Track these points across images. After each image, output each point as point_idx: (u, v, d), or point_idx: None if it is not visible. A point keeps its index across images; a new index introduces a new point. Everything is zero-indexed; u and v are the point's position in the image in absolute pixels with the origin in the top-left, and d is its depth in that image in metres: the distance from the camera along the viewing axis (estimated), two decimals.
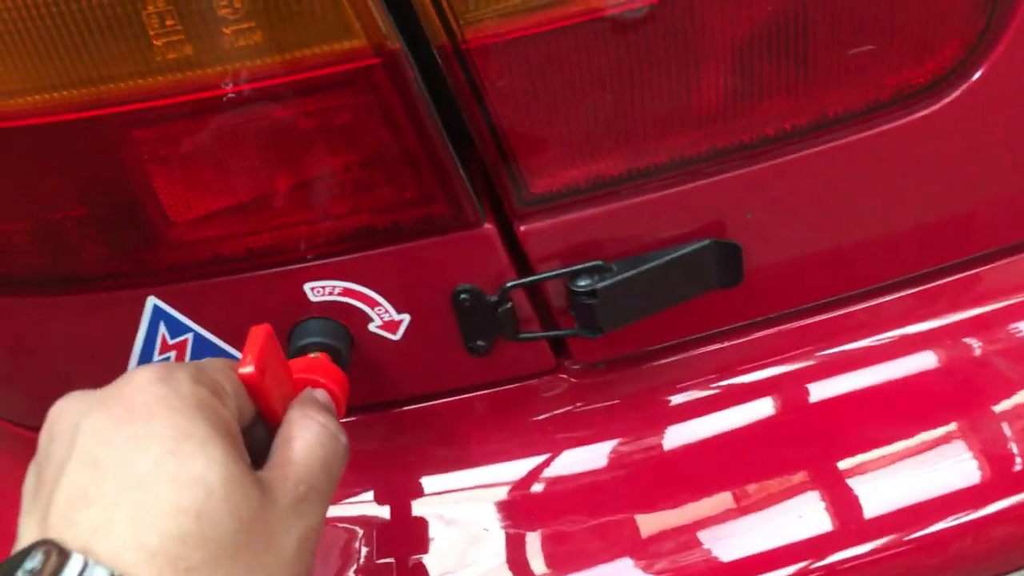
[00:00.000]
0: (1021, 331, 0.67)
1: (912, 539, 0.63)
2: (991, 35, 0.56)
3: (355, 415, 0.67)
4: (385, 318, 0.61)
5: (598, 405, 0.67)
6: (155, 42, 0.49)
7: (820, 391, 0.68)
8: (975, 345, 0.66)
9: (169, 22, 0.48)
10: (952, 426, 0.65)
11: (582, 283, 0.59)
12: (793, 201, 0.61)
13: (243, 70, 0.50)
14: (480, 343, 0.63)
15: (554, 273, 0.60)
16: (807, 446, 0.66)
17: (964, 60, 0.57)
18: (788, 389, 0.67)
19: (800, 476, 0.65)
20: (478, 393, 0.67)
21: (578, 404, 0.67)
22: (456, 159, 0.55)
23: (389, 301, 0.60)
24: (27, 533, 0.43)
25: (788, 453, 0.66)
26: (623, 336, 0.64)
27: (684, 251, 0.60)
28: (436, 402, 0.67)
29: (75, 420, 0.44)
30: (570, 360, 0.67)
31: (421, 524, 0.66)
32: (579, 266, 0.59)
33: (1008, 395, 0.65)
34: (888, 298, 0.68)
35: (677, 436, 0.67)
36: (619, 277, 0.59)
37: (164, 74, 0.50)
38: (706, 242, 0.60)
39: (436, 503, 0.66)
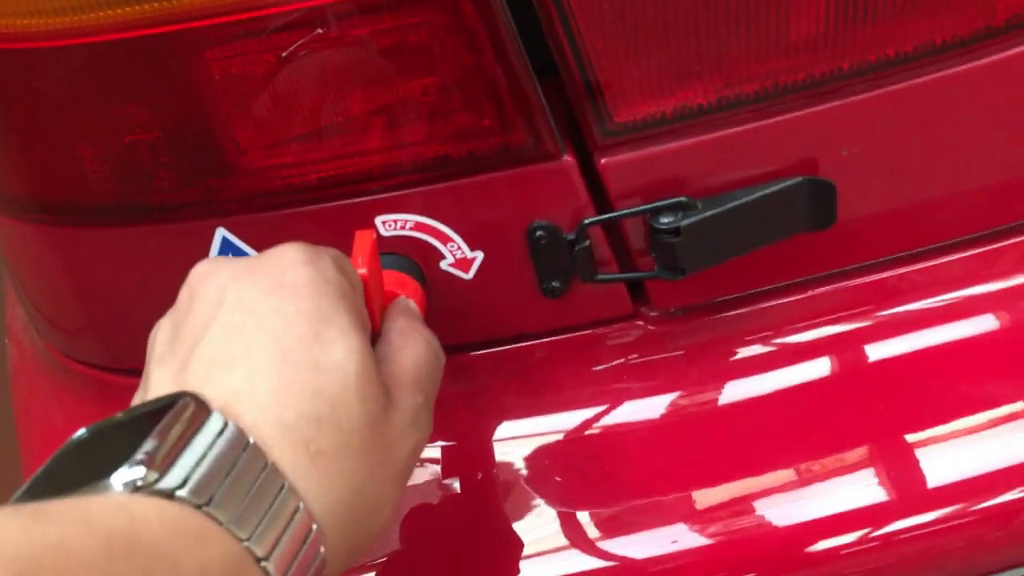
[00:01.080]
0: None
1: (977, 510, 0.59)
2: None
3: None
4: (458, 255, 0.59)
5: (675, 354, 0.64)
6: None
7: (902, 347, 0.64)
8: None
9: None
10: None
11: (665, 220, 0.56)
12: (895, 137, 0.57)
13: None
14: (555, 284, 0.60)
15: (636, 210, 0.57)
16: (881, 406, 0.63)
17: None
18: (870, 344, 0.63)
19: (870, 438, 0.62)
20: (551, 339, 0.64)
21: (655, 352, 0.64)
22: (537, 86, 0.52)
23: (462, 237, 0.58)
24: (161, 384, 0.42)
25: (860, 413, 0.63)
26: (703, 282, 0.61)
27: (774, 188, 0.56)
28: (508, 347, 0.64)
29: (221, 283, 0.44)
30: (647, 306, 0.64)
31: (488, 470, 0.64)
32: (662, 202, 0.56)
33: None
34: (986, 248, 0.64)
35: (753, 388, 0.64)
36: (704, 215, 0.56)
37: None
38: (798, 179, 0.57)
39: (505, 449, 0.64)
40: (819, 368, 0.63)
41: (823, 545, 0.60)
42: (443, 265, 0.59)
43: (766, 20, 0.51)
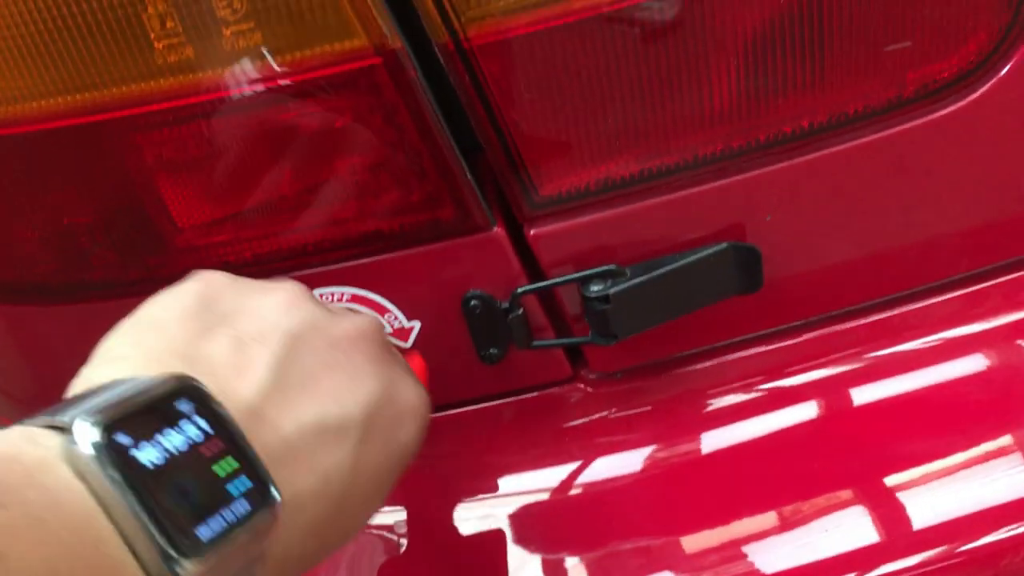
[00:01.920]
0: None
1: (961, 552, 0.60)
2: (1019, 28, 0.54)
3: None
4: (396, 325, 0.60)
5: (616, 416, 0.65)
6: (156, 44, 0.49)
7: (849, 399, 0.65)
8: (1004, 352, 0.63)
9: (169, 24, 0.48)
10: (998, 433, 0.62)
11: (595, 288, 0.57)
12: (814, 203, 0.58)
13: (244, 72, 0.50)
14: (493, 351, 0.61)
15: (566, 279, 0.58)
16: (838, 454, 0.63)
17: (991, 54, 0.54)
18: (816, 397, 0.64)
19: (833, 486, 0.62)
20: (494, 403, 0.65)
21: (595, 415, 0.65)
22: (462, 161, 0.54)
23: (399, 308, 0.59)
24: (254, 378, 0.41)
25: (818, 462, 0.63)
26: (640, 345, 0.62)
27: (700, 255, 0.58)
28: (452, 412, 0.65)
29: (374, 359, 0.46)
30: (586, 369, 0.65)
31: (441, 536, 0.65)
32: (592, 271, 0.58)
33: None
34: (919, 305, 0.65)
35: (699, 447, 0.64)
36: (633, 282, 0.57)
37: (166, 77, 0.50)
38: (723, 246, 0.58)
39: (457, 514, 0.65)
40: (767, 422, 0.64)
41: None
42: None
43: (682, 96, 0.53)
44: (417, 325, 0.60)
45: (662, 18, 0.50)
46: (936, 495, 0.60)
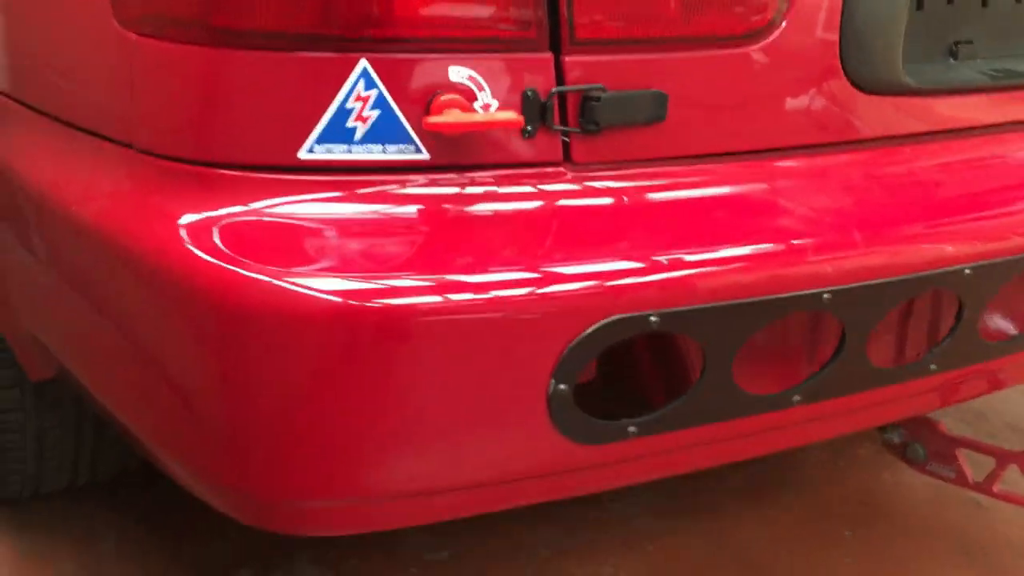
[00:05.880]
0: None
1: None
2: (786, 7, 1.20)
3: (435, 174, 1.12)
4: (484, 100, 1.10)
5: (578, 182, 1.16)
6: None
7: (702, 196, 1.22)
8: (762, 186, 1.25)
9: None
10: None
11: (593, 94, 1.12)
12: (692, 80, 1.18)
13: None
14: (529, 127, 1.12)
15: (580, 87, 1.12)
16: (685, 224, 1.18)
17: (772, 21, 1.19)
18: (684, 188, 1.21)
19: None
20: (517, 171, 1.14)
21: (573, 182, 1.16)
22: (547, 6, 1.09)
23: (490, 89, 1.10)
24: None
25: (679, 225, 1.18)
26: (598, 151, 1.16)
27: (647, 92, 1.15)
28: (496, 172, 1.14)
29: None
30: (570, 160, 1.17)
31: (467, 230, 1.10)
32: (591, 85, 1.12)
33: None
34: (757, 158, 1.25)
35: (614, 204, 1.17)
36: (613, 95, 1.12)
37: None
38: (656, 91, 1.15)
39: (484, 220, 1.11)
40: (650, 200, 1.18)
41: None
42: (475, 105, 1.10)
43: (653, 8, 1.12)
44: (496, 103, 1.11)
45: None
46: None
